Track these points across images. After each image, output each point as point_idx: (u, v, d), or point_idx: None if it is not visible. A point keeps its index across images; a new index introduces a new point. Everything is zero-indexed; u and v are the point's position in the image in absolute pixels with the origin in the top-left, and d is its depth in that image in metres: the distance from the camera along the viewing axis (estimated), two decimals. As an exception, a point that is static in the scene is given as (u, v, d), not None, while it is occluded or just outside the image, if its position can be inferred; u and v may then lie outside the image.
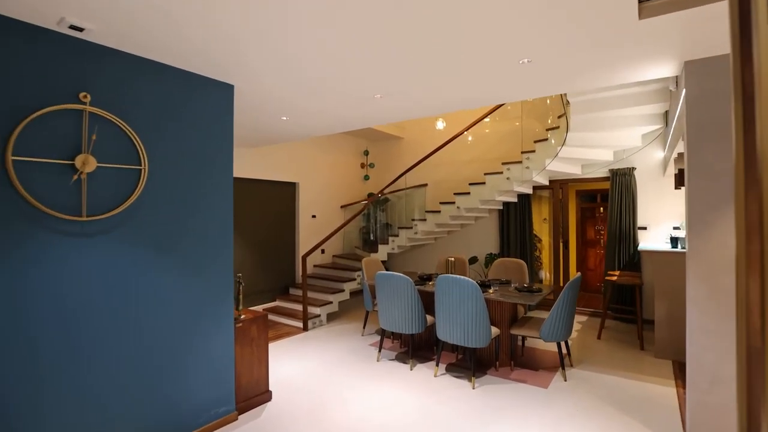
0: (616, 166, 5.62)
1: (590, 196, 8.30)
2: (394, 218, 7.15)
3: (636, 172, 5.51)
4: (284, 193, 6.28)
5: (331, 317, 5.82)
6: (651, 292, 5.26)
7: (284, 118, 3.89)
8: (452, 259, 4.53)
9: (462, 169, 6.90)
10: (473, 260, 6.52)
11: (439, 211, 6.00)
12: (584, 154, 5.17)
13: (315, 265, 6.65)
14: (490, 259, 6.34)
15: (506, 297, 3.73)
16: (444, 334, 3.63)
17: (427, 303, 4.43)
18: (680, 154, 4.04)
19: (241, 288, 3.13)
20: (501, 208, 6.35)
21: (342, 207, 7.25)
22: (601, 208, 8.27)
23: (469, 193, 5.73)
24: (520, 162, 5.32)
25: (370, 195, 6.91)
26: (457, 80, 2.91)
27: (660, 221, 5.39)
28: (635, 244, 5.46)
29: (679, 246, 4.20)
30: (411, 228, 6.27)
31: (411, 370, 3.87)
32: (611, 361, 4.08)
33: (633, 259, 5.44)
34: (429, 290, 4.06)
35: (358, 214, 5.98)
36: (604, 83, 3.01)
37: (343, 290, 5.80)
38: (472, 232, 6.81)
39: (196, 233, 2.68)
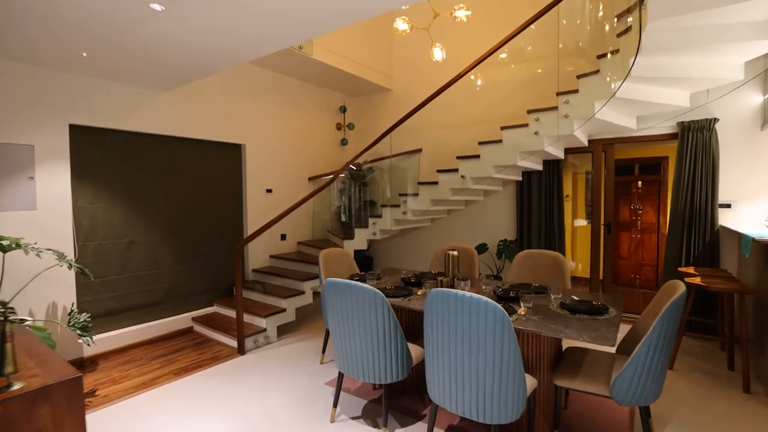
0: (688, 118, 3.94)
1: (624, 167, 6.63)
2: (378, 194, 5.49)
3: (718, 126, 3.84)
4: (224, 159, 4.59)
5: (285, 330, 4.22)
6: (757, 302, 3.65)
7: (156, 7, 2.18)
8: (454, 252, 2.90)
9: (466, 130, 5.20)
10: (482, 248, 4.89)
11: (437, 183, 4.34)
12: (651, 95, 3.48)
13: (272, 256, 5.03)
14: (505, 247, 4.71)
15: (552, 328, 2.10)
16: (441, 397, 2.02)
17: (414, 326, 2.83)
18: None
19: (7, 329, 1.49)
20: (520, 178, 4.69)
21: (311, 179, 5.58)
22: (639, 183, 6.65)
23: (478, 157, 4.06)
24: (555, 108, 3.62)
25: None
26: None
27: (754, 197, 3.74)
28: (713, 228, 3.84)
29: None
30: (399, 206, 4.63)
31: (385, 444, 2.29)
32: (711, 418, 2.49)
33: (711, 248, 3.83)
34: (417, 308, 2.44)
35: (323, 188, 4.32)
36: None
37: (302, 292, 4.20)
38: (480, 212, 5.16)
39: None
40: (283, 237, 5.21)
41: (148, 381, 3.04)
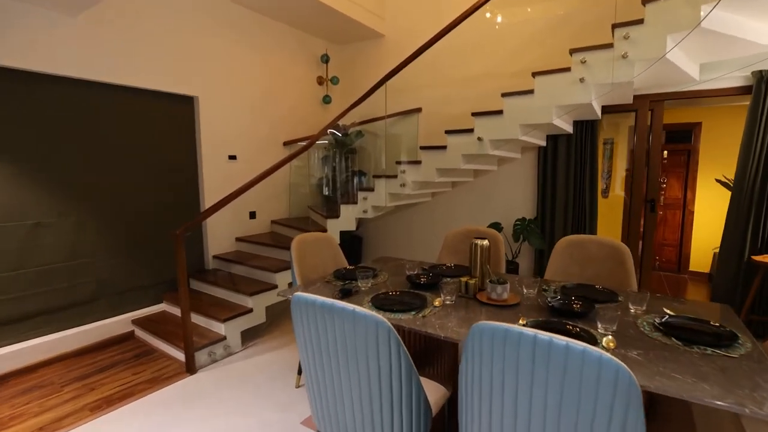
0: (767, 65, 3.08)
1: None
2: (369, 163, 4.56)
3: (809, 74, 3.00)
4: (169, 115, 3.56)
5: (253, 334, 3.35)
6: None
7: None
8: (484, 242, 2.02)
9: (474, 86, 4.24)
10: (495, 229, 4.04)
11: (445, 147, 3.42)
12: (737, 28, 2.59)
13: (239, 239, 4.10)
14: (524, 228, 3.88)
15: (679, 380, 1.27)
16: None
17: (426, 350, 2.00)
18: None
19: None
20: (544, 143, 3.81)
21: (286, 144, 4.59)
22: (665, 152, 5.86)
23: (500, 113, 3.14)
24: (610, 46, 2.70)
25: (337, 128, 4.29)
26: None
27: None
28: (791, 205, 3.05)
29: None
30: (396, 177, 3.71)
31: None
32: None
33: (789, 232, 3.06)
34: (441, 336, 1.58)
35: (298, 154, 3.37)
36: None
37: (275, 286, 3.31)
38: (492, 185, 4.28)
39: None
40: (253, 215, 4.27)
41: (47, 425, 2.15)
